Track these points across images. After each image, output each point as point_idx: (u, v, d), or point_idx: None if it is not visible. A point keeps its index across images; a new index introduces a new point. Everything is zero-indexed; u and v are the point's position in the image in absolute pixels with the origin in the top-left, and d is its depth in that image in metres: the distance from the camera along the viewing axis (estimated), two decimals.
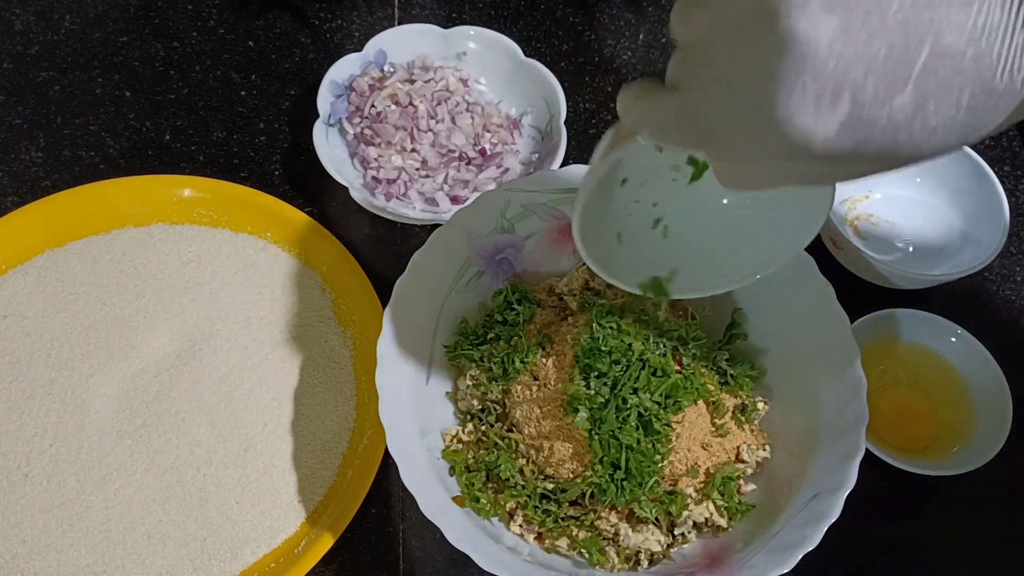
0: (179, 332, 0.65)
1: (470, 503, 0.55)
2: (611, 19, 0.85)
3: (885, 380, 0.65)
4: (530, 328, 0.61)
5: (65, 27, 0.81)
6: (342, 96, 0.74)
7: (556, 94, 0.74)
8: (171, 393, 0.62)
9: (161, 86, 0.79)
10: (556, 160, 0.70)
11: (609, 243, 0.50)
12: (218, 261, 0.68)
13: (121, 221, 0.69)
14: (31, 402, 0.61)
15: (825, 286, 0.57)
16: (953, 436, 0.63)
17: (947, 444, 0.63)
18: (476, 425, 0.59)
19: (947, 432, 0.63)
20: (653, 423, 0.53)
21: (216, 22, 0.83)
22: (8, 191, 0.73)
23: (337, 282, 0.68)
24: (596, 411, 0.53)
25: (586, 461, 0.54)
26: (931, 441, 0.63)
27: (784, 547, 0.50)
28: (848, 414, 0.53)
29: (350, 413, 0.63)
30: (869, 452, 0.57)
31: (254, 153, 0.76)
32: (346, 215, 0.72)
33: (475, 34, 0.77)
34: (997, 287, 0.72)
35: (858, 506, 0.64)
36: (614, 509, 0.55)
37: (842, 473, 0.51)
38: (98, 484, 0.59)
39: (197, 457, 0.60)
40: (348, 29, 0.83)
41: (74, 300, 0.65)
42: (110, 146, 0.76)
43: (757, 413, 0.60)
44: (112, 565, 0.57)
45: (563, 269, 0.65)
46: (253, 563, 0.58)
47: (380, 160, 0.71)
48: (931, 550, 0.63)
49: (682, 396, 0.54)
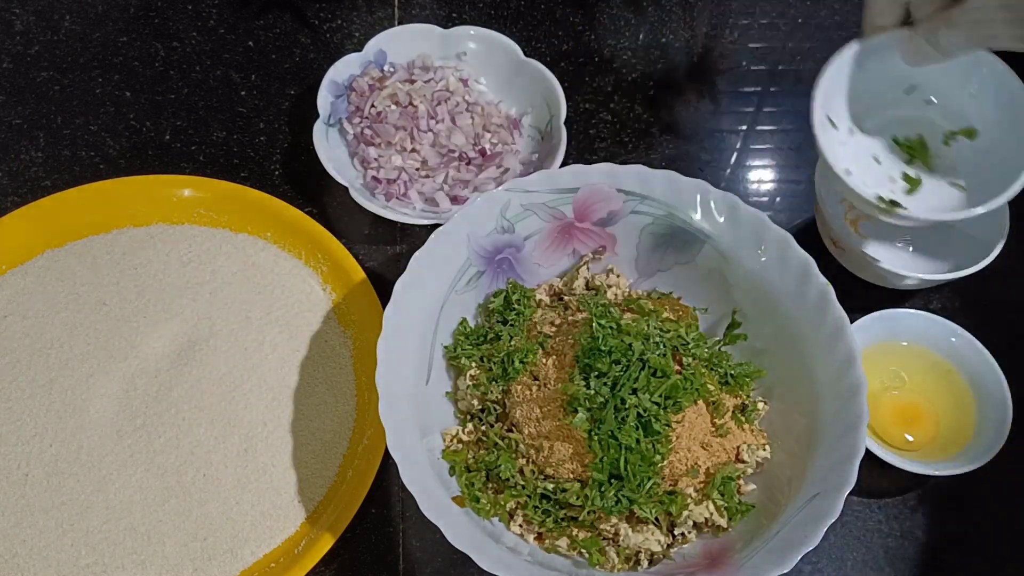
0: (179, 332, 0.65)
1: (470, 503, 0.55)
2: (611, 19, 0.85)
3: (885, 380, 0.65)
4: (530, 328, 0.61)
5: (65, 27, 0.81)
6: (342, 96, 0.74)
7: (556, 94, 0.74)
8: (171, 393, 0.62)
9: (161, 86, 0.79)
10: (556, 160, 0.70)
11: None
12: (218, 261, 0.68)
13: (121, 221, 0.70)
14: (31, 402, 0.61)
15: (825, 286, 0.57)
16: (953, 436, 0.63)
17: (947, 444, 0.63)
18: (476, 425, 0.59)
19: (947, 432, 0.63)
20: (652, 423, 0.53)
21: (216, 22, 0.83)
22: (8, 191, 0.73)
23: (337, 282, 0.68)
24: (595, 411, 0.53)
25: (586, 461, 0.54)
26: (931, 441, 0.63)
27: (784, 547, 0.50)
28: (848, 414, 0.53)
29: (350, 413, 0.64)
30: (869, 452, 0.57)
31: (254, 153, 0.76)
32: (346, 215, 0.72)
33: (475, 34, 0.77)
34: (997, 287, 0.72)
35: (858, 506, 0.64)
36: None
37: (842, 473, 0.51)
38: (98, 484, 0.59)
39: (197, 457, 0.60)
40: (348, 29, 0.83)
41: (74, 300, 0.65)
42: (110, 146, 0.76)
43: (757, 413, 0.60)
44: (112, 565, 0.57)
45: (563, 269, 0.65)
46: (253, 563, 0.58)
47: (380, 160, 0.71)
48: (931, 550, 0.63)
49: (682, 396, 0.54)
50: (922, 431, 0.63)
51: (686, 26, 0.85)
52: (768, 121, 0.81)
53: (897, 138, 0.65)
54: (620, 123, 0.80)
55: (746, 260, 0.60)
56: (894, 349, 0.66)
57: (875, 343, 0.64)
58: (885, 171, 0.64)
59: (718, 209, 0.61)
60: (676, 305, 0.63)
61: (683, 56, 0.84)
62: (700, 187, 0.61)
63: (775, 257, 0.59)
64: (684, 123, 0.80)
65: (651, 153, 0.78)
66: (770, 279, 0.59)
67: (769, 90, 0.82)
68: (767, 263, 0.59)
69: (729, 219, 0.60)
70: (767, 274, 0.59)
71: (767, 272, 0.59)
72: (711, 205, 0.61)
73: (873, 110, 0.64)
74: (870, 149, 0.65)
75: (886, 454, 0.60)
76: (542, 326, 0.60)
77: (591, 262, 0.64)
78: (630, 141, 0.79)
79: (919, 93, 0.64)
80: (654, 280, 0.65)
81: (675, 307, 0.63)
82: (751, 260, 0.60)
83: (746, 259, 0.60)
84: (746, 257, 0.60)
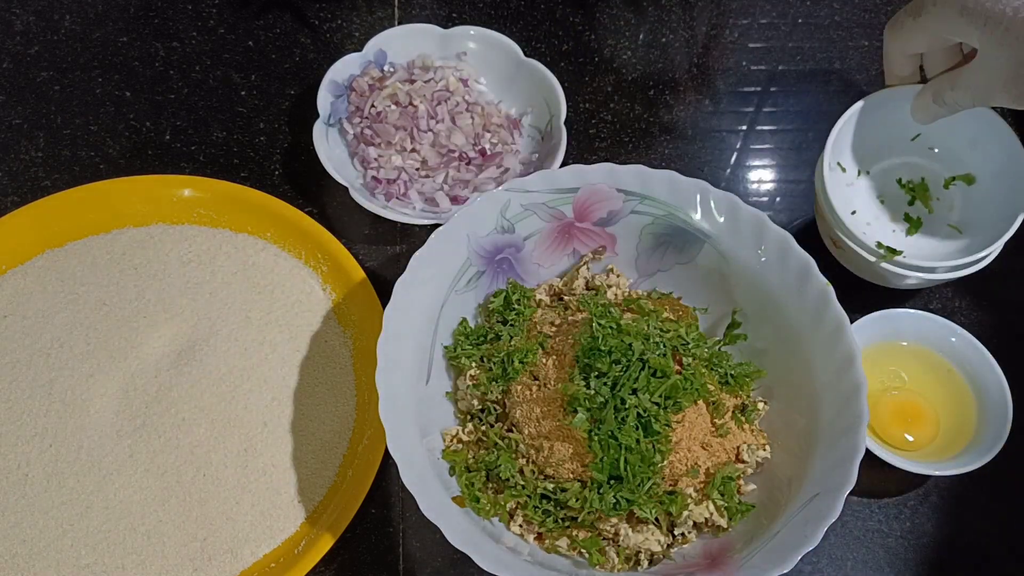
0: (179, 332, 0.65)
1: (470, 503, 0.55)
2: (611, 19, 0.85)
3: (885, 380, 0.65)
4: (530, 328, 0.61)
5: (65, 27, 0.81)
6: (342, 96, 0.74)
7: (556, 94, 0.74)
8: (171, 393, 0.62)
9: (161, 86, 0.79)
10: (556, 160, 0.70)
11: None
12: (218, 261, 0.68)
13: (121, 221, 0.70)
14: (31, 402, 0.61)
15: (825, 286, 0.57)
16: (953, 436, 0.63)
17: (947, 444, 0.63)
18: (476, 425, 0.59)
19: (947, 432, 0.63)
20: (652, 424, 0.53)
21: (216, 22, 0.83)
22: (8, 191, 0.73)
23: (337, 282, 0.68)
24: (595, 411, 0.53)
25: (586, 461, 0.54)
26: (931, 441, 0.63)
27: (784, 547, 0.50)
28: (848, 414, 0.53)
29: (350, 413, 0.64)
30: (869, 452, 0.57)
31: (254, 153, 0.76)
32: (346, 215, 0.72)
33: (475, 34, 0.77)
34: (997, 287, 0.72)
35: (858, 506, 0.64)
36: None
37: (842, 473, 0.51)
38: (98, 484, 0.59)
39: (197, 457, 0.60)
40: (348, 29, 0.83)
41: (74, 300, 0.65)
42: (110, 146, 0.76)
43: (757, 413, 0.60)
44: (112, 565, 0.57)
45: (563, 269, 0.65)
46: (253, 563, 0.58)
47: (380, 160, 0.71)
48: (931, 550, 0.63)
49: (682, 396, 0.54)
50: (922, 431, 0.63)
51: (686, 26, 0.85)
52: (768, 121, 0.81)
53: (901, 180, 0.72)
54: (620, 123, 0.80)
55: (746, 260, 0.60)
56: (894, 349, 0.66)
57: (875, 343, 0.64)
58: (889, 211, 0.71)
59: (718, 209, 0.61)
60: (676, 305, 0.63)
61: (683, 56, 0.84)
62: (700, 187, 0.61)
63: (775, 257, 0.59)
64: (684, 123, 0.80)
65: (651, 153, 0.78)
66: (770, 279, 0.59)
67: (769, 90, 0.82)
68: (767, 263, 0.59)
69: (729, 219, 0.60)
70: (767, 274, 0.59)
71: (767, 272, 0.59)
72: (711, 205, 0.61)
73: (880, 156, 0.71)
74: (876, 190, 0.72)
75: (886, 454, 0.60)
76: (542, 326, 0.60)
77: (591, 262, 0.64)
78: (630, 141, 0.79)
79: (923, 141, 0.70)
80: (654, 280, 0.65)
81: (675, 307, 0.63)
82: (751, 260, 0.60)
83: (746, 259, 0.60)
84: (746, 257, 0.60)
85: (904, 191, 0.71)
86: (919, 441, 0.63)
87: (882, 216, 0.71)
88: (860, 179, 0.71)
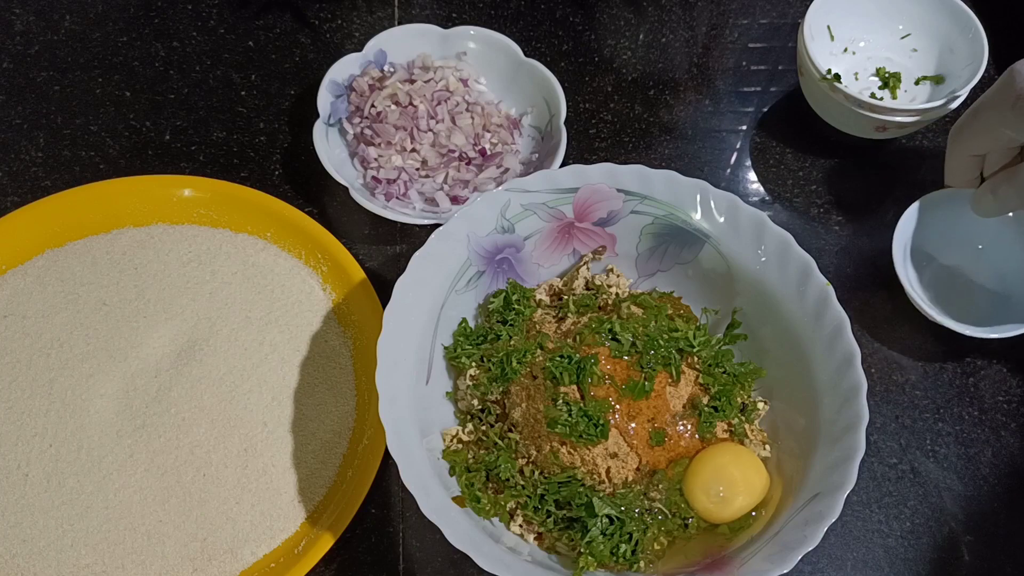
0: (179, 332, 0.65)
1: (470, 503, 0.55)
2: (611, 19, 0.85)
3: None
4: (529, 328, 0.61)
5: (65, 27, 0.82)
6: (342, 96, 0.74)
7: (556, 94, 0.74)
8: (171, 393, 0.62)
9: (161, 86, 0.79)
10: (556, 160, 0.70)
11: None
12: (218, 261, 0.68)
13: (121, 221, 0.70)
14: (31, 402, 0.61)
15: (825, 286, 0.57)
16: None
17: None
18: (476, 425, 0.59)
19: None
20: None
21: (216, 22, 0.83)
22: (8, 191, 0.73)
23: (337, 282, 0.68)
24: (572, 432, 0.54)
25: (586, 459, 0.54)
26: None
27: (784, 547, 0.50)
28: (848, 414, 0.53)
29: (350, 413, 0.64)
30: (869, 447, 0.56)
31: (254, 153, 0.76)
32: (346, 215, 0.72)
33: (475, 34, 0.77)
34: None
35: (858, 506, 0.64)
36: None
37: (842, 473, 0.51)
38: (98, 484, 0.59)
39: (197, 457, 0.60)
40: (348, 29, 0.83)
41: (74, 300, 0.65)
42: (110, 146, 0.76)
43: (757, 413, 0.60)
44: (112, 565, 0.57)
45: (563, 269, 0.65)
46: (253, 563, 0.58)
47: (380, 160, 0.71)
48: (931, 550, 0.63)
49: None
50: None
51: (686, 26, 0.85)
52: (768, 121, 0.81)
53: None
54: (620, 123, 0.80)
55: (746, 260, 0.60)
56: None
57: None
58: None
59: (718, 209, 0.61)
60: (676, 304, 0.63)
61: (683, 56, 0.84)
62: (700, 187, 0.61)
63: (775, 257, 0.59)
64: (684, 123, 0.80)
65: (651, 153, 0.78)
66: (770, 279, 0.59)
67: (769, 90, 0.82)
68: (767, 263, 0.59)
69: (729, 219, 0.60)
70: (767, 274, 0.59)
71: (767, 272, 0.59)
72: (711, 205, 0.61)
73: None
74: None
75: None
76: (542, 326, 0.61)
77: (591, 262, 0.64)
78: (630, 141, 0.79)
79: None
80: (654, 280, 0.65)
81: (676, 306, 0.63)
82: (751, 260, 0.60)
83: (746, 259, 0.60)
84: (746, 257, 0.60)
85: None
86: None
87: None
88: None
